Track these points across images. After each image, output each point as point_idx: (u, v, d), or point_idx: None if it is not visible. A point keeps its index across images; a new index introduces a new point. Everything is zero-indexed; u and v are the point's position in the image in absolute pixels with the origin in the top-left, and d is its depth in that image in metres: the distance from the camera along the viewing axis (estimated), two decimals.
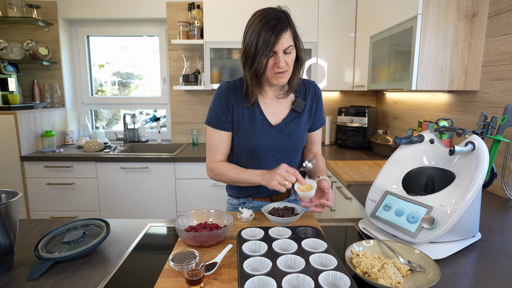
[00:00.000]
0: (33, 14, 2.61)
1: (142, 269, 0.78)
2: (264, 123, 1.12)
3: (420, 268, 0.73)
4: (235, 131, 1.14)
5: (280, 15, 0.98)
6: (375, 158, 2.26)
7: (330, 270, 0.69)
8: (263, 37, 0.96)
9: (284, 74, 1.04)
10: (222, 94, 1.12)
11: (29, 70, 2.82)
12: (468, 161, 0.88)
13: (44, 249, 0.82)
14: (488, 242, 0.93)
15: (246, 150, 1.14)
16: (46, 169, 2.39)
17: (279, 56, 0.99)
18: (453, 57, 1.55)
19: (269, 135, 1.12)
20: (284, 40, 0.98)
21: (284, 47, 0.98)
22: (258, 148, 1.12)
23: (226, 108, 1.12)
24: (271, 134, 1.12)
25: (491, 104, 1.47)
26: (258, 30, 0.97)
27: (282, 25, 0.97)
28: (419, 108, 2.11)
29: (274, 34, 0.96)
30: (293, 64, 1.05)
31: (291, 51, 1.01)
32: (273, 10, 1.00)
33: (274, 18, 0.97)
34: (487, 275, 0.75)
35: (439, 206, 0.85)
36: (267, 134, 1.12)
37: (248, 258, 0.76)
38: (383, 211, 0.96)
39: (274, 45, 0.97)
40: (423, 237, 0.83)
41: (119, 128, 3.11)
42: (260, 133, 1.12)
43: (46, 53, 2.69)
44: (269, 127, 1.12)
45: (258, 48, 0.98)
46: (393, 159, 1.06)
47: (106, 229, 0.91)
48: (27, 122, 2.39)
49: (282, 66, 1.00)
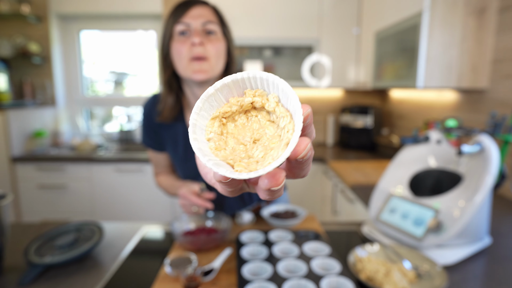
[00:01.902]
0: (23, 8, 2.61)
1: (137, 275, 0.78)
2: (189, 148, 0.95)
3: (426, 274, 0.73)
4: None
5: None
6: (380, 159, 2.26)
7: (333, 275, 0.69)
8: (172, 15, 0.84)
9: (203, 63, 0.82)
10: (145, 111, 0.98)
11: (19, 67, 2.81)
12: (477, 162, 0.88)
13: (35, 254, 0.82)
14: (498, 247, 0.93)
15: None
16: (37, 170, 2.39)
17: (191, 29, 0.82)
18: (461, 54, 1.55)
19: (196, 165, 0.95)
20: (197, 11, 0.82)
21: (199, 20, 0.82)
22: (186, 176, 0.99)
23: (150, 128, 0.98)
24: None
25: (501, 102, 1.47)
26: (168, 16, 0.86)
27: (195, 1, 0.85)
28: (425, 107, 2.11)
29: (183, 6, 0.83)
30: (221, 55, 0.86)
31: (214, 32, 0.84)
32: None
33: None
34: (497, 282, 0.75)
35: (446, 209, 0.85)
36: (194, 164, 0.95)
37: (248, 262, 0.76)
38: (388, 214, 0.96)
39: (182, 15, 0.82)
40: (430, 241, 0.83)
41: (114, 128, 3.12)
42: (184, 161, 0.96)
43: (37, 50, 2.69)
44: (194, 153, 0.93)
45: (167, 30, 0.84)
46: (398, 160, 1.06)
47: (100, 233, 0.91)
48: (17, 122, 2.39)
49: (196, 43, 0.80)
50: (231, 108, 0.29)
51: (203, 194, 0.89)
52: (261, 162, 0.25)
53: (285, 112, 0.26)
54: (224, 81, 0.28)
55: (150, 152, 1.05)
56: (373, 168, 1.92)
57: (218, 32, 0.85)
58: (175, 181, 1.03)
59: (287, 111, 0.26)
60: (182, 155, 0.98)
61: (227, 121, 0.30)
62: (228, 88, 0.29)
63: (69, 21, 2.89)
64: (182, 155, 0.97)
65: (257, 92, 0.28)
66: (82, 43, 2.97)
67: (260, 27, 2.48)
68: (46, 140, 2.65)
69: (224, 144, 0.29)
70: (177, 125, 0.96)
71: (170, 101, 0.91)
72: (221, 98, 0.29)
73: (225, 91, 0.29)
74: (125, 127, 2.94)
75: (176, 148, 0.98)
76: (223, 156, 0.27)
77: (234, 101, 0.29)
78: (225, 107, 0.29)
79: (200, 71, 0.82)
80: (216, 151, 0.27)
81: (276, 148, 0.25)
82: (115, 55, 3.03)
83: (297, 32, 2.49)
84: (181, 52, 0.82)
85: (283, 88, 0.26)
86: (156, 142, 1.01)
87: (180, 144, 0.96)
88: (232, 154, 0.27)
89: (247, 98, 0.28)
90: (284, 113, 0.26)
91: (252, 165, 0.25)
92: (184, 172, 1.02)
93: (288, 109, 0.27)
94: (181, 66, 0.84)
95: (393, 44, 1.85)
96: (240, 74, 0.28)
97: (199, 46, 0.81)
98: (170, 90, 0.91)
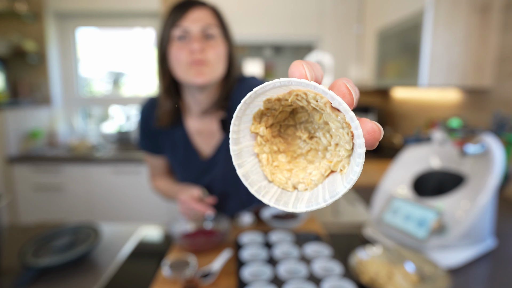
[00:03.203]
0: (19, 6, 2.61)
1: (135, 277, 0.78)
2: (190, 153, 0.93)
3: (429, 276, 0.74)
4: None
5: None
6: (382, 159, 2.26)
7: (334, 277, 0.70)
8: (169, 18, 0.81)
9: (203, 67, 0.80)
10: (142, 115, 0.96)
11: (14, 66, 2.81)
12: (481, 162, 0.88)
13: (31, 256, 0.82)
14: (503, 249, 0.93)
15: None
16: (33, 171, 2.39)
17: (190, 35, 0.79)
18: (465, 52, 1.55)
19: (197, 170, 0.92)
20: (196, 14, 0.80)
21: (199, 24, 0.79)
22: (186, 180, 0.98)
23: (148, 131, 0.97)
24: (199, 169, 0.92)
25: (505, 101, 1.47)
26: (165, 18, 0.83)
27: (193, 2, 0.82)
28: (428, 107, 2.12)
29: (180, 8, 0.81)
30: (221, 59, 0.83)
31: (214, 36, 0.82)
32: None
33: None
34: (502, 284, 0.75)
35: (450, 210, 0.85)
36: (194, 169, 0.94)
37: (247, 264, 0.76)
38: (390, 216, 0.96)
39: (180, 18, 0.79)
40: (433, 243, 0.83)
41: (111, 128, 3.12)
42: (184, 167, 0.95)
43: (33, 48, 2.69)
44: (196, 160, 0.91)
45: (164, 34, 0.82)
46: (400, 160, 1.06)
47: (97, 235, 0.91)
48: (13, 122, 2.39)
49: (195, 49, 0.78)
50: (276, 104, 0.25)
51: (204, 199, 0.89)
52: (319, 184, 0.24)
53: (341, 119, 0.23)
54: (265, 87, 0.24)
55: (147, 155, 1.05)
56: (375, 169, 1.92)
57: (218, 36, 0.83)
58: (173, 185, 1.02)
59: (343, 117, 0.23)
60: (182, 160, 0.96)
61: (272, 125, 0.27)
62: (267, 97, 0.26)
63: (66, 19, 2.89)
64: (182, 159, 0.96)
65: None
66: (79, 42, 2.97)
67: (260, 25, 2.48)
68: (42, 140, 2.65)
69: (275, 157, 0.26)
70: (176, 129, 0.94)
71: (168, 106, 0.89)
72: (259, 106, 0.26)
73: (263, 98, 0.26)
74: (123, 127, 2.94)
75: (175, 152, 0.96)
76: (279, 181, 0.24)
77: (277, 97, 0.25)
78: (267, 103, 0.26)
79: (200, 74, 0.80)
80: (270, 171, 0.25)
81: (341, 165, 0.24)
82: (112, 53, 3.03)
83: (297, 30, 2.49)
84: (180, 58, 0.80)
85: (332, 95, 0.23)
86: (154, 146, 1.00)
87: (180, 149, 0.95)
88: (289, 173, 0.25)
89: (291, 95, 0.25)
90: (340, 120, 0.23)
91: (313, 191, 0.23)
92: (183, 176, 1.01)
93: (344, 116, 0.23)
94: (180, 71, 0.82)
95: (396, 42, 1.85)
96: (278, 81, 0.24)
97: (198, 53, 0.79)
98: (168, 95, 0.89)
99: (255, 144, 0.27)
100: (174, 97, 0.90)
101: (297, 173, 0.26)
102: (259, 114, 0.26)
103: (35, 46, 2.71)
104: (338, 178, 0.24)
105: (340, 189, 0.23)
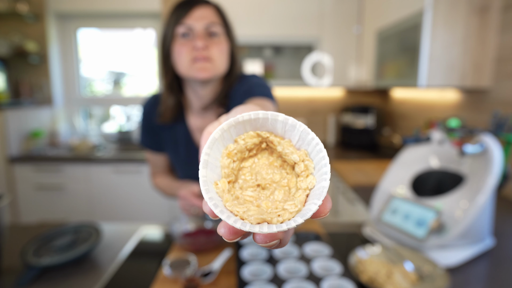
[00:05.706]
0: (20, 7, 2.61)
1: (136, 276, 0.79)
2: (191, 150, 0.94)
3: (428, 275, 0.74)
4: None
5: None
6: (381, 159, 2.27)
7: (334, 277, 0.70)
8: (173, 16, 0.82)
9: (206, 63, 0.82)
10: (145, 112, 0.98)
11: (16, 67, 2.81)
12: (480, 162, 0.88)
13: (32, 255, 0.82)
14: (502, 248, 0.93)
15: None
16: (35, 170, 2.39)
17: (194, 32, 0.81)
18: (464, 52, 1.55)
19: (198, 167, 0.97)
20: (200, 12, 0.81)
21: (202, 22, 0.81)
22: (187, 177, 0.99)
23: (150, 128, 0.98)
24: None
25: (504, 102, 1.47)
26: (169, 16, 0.84)
27: (197, 0, 0.83)
28: (427, 107, 2.12)
29: (184, 6, 0.82)
30: (224, 56, 0.85)
31: (217, 34, 0.83)
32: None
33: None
34: (500, 284, 0.75)
35: (448, 210, 0.85)
36: (195, 165, 0.94)
37: (248, 263, 0.76)
38: (389, 215, 0.96)
39: (184, 15, 0.81)
40: (432, 242, 0.83)
41: (112, 128, 3.12)
42: (185, 163, 0.96)
43: (34, 48, 2.69)
44: (197, 157, 0.92)
45: (168, 31, 0.83)
46: (399, 160, 1.06)
47: (98, 234, 0.91)
48: (14, 122, 2.39)
49: (199, 46, 0.79)
50: (245, 143, 0.27)
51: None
52: (280, 214, 0.25)
53: (307, 161, 0.26)
54: (238, 119, 0.26)
55: (148, 152, 1.05)
56: (374, 169, 1.92)
57: (221, 34, 0.85)
58: (173, 182, 1.03)
59: (309, 159, 0.26)
60: (183, 157, 0.97)
61: (241, 160, 0.28)
62: (243, 125, 0.27)
63: (67, 19, 2.89)
64: (184, 156, 0.97)
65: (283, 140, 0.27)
66: (80, 42, 2.97)
67: (260, 25, 2.48)
68: (43, 140, 2.65)
69: (240, 189, 0.27)
70: (178, 126, 0.95)
71: (171, 102, 0.91)
72: (232, 135, 0.28)
73: (239, 128, 0.27)
74: (124, 127, 2.94)
75: (177, 149, 0.97)
76: (255, 212, 0.25)
77: (245, 137, 0.27)
78: (237, 144, 0.28)
79: (204, 69, 0.82)
80: (232, 203, 0.26)
81: (295, 203, 0.25)
82: (113, 54, 3.03)
83: (297, 30, 2.49)
84: (183, 54, 0.81)
85: (311, 138, 0.26)
86: (156, 143, 1.01)
87: (181, 145, 0.96)
88: (255, 207, 0.26)
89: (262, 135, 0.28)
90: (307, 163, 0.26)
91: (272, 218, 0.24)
92: (185, 173, 1.02)
93: (311, 158, 0.26)
94: (183, 67, 0.83)
95: (395, 43, 1.85)
96: (254, 113, 0.26)
97: (202, 50, 0.81)
98: (171, 91, 0.90)
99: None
100: (176, 93, 0.91)
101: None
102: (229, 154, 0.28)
103: (36, 47, 2.71)
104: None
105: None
